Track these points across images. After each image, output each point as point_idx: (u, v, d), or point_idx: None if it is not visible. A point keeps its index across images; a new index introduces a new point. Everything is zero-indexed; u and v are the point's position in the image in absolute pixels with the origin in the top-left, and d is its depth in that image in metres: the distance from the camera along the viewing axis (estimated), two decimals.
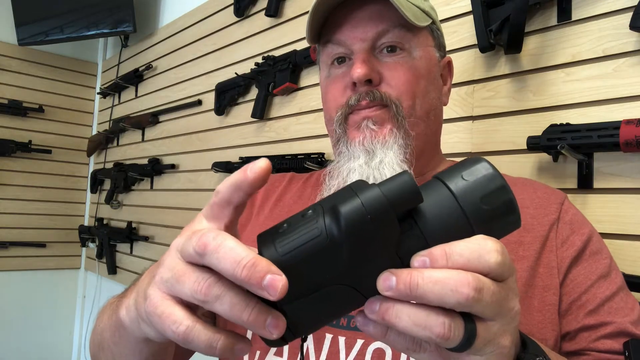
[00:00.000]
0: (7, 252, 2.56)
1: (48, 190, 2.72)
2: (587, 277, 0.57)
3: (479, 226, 0.31)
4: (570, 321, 0.55)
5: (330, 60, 0.65)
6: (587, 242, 0.59)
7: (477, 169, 0.33)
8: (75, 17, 2.45)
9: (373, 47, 0.61)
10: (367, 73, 0.59)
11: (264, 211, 0.71)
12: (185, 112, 2.03)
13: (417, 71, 0.62)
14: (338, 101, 0.63)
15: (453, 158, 1.07)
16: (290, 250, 0.29)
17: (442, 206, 0.31)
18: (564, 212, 0.61)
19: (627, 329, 0.54)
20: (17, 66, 2.64)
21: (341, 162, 0.62)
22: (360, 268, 0.30)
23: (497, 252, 0.30)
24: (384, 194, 0.29)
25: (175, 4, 2.27)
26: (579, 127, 0.83)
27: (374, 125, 0.60)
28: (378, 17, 0.60)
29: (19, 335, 2.58)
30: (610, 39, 0.86)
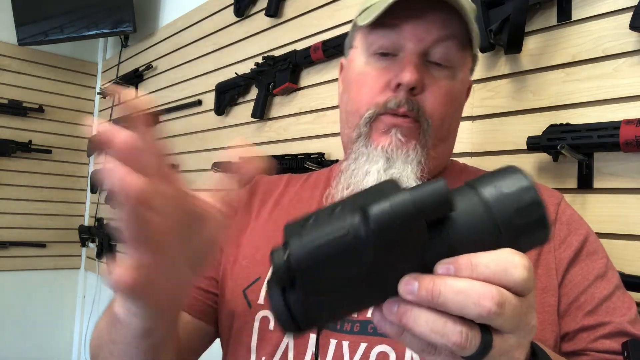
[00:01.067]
0: (7, 252, 2.56)
1: (48, 190, 2.72)
2: (584, 278, 0.57)
3: (509, 239, 0.31)
4: (569, 322, 0.56)
5: (377, 46, 0.60)
6: (584, 243, 0.59)
7: (513, 179, 0.32)
8: (75, 17, 2.45)
9: (426, 52, 0.59)
10: (417, 80, 0.57)
11: (262, 215, 0.70)
12: (185, 112, 2.03)
13: (454, 94, 0.61)
14: (375, 98, 0.60)
15: (453, 158, 1.07)
16: (317, 245, 0.29)
17: (473, 215, 0.31)
18: (560, 213, 0.62)
19: (625, 328, 0.54)
20: (17, 66, 2.64)
21: (359, 162, 0.60)
22: (383, 270, 0.30)
23: (524, 267, 0.30)
24: (414, 201, 0.29)
25: (175, 4, 2.27)
26: (579, 127, 0.83)
27: (402, 137, 0.59)
28: (442, 24, 0.58)
29: (19, 335, 2.58)
30: (610, 39, 0.86)
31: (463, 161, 1.05)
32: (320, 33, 1.43)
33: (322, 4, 1.44)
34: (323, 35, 1.42)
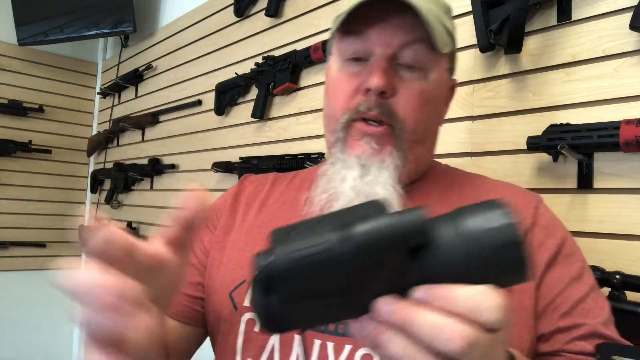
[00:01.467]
0: (7, 252, 2.56)
1: (48, 190, 2.72)
2: (560, 280, 0.58)
3: (486, 275, 0.31)
4: (545, 323, 0.57)
5: (348, 53, 0.62)
6: (561, 246, 0.60)
7: (495, 216, 0.32)
8: (75, 17, 2.45)
9: (394, 56, 0.60)
10: (384, 85, 0.58)
11: (248, 218, 0.70)
12: (185, 112, 2.03)
13: (428, 96, 0.62)
14: (348, 103, 0.61)
15: (453, 158, 1.07)
16: (298, 256, 0.30)
17: (453, 248, 0.31)
18: (539, 216, 0.62)
19: (598, 330, 0.56)
20: (17, 66, 2.64)
21: (336, 167, 0.62)
22: (360, 288, 0.31)
23: (498, 308, 0.30)
24: (394, 226, 0.30)
25: (175, 4, 2.27)
26: (579, 127, 0.83)
27: (376, 145, 0.60)
28: (409, 28, 0.58)
29: (19, 335, 2.58)
30: (610, 39, 0.86)
31: (463, 161, 1.06)
32: (320, 33, 1.43)
33: (322, 4, 1.44)
34: (323, 35, 1.42)
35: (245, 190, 0.74)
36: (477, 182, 0.68)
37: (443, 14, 0.62)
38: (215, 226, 0.71)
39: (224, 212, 0.72)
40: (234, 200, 0.73)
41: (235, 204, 0.72)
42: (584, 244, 0.86)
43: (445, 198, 0.64)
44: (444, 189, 0.66)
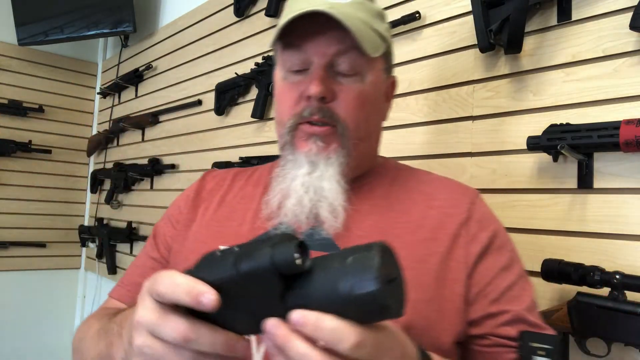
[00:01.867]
0: (7, 252, 2.56)
1: (48, 190, 2.72)
2: (491, 270, 0.64)
3: (352, 313, 0.37)
4: (476, 309, 0.63)
5: (289, 65, 0.68)
6: (493, 238, 0.66)
7: (368, 263, 0.37)
8: (75, 17, 2.45)
9: (331, 64, 0.65)
10: (322, 91, 0.63)
11: (208, 212, 0.75)
12: (185, 112, 2.03)
13: (366, 97, 0.67)
14: (292, 109, 0.67)
15: (453, 158, 1.07)
16: (212, 279, 0.40)
17: (326, 282, 0.38)
18: (474, 210, 0.68)
19: (522, 316, 0.62)
20: (17, 66, 2.64)
21: (287, 168, 0.67)
22: (254, 306, 0.40)
23: (353, 344, 0.36)
24: (273, 260, 0.38)
25: (175, 4, 2.27)
26: (579, 127, 0.83)
27: (321, 143, 0.65)
28: (341, 38, 0.63)
29: (19, 335, 2.58)
30: (610, 39, 0.86)
31: (463, 161, 1.06)
32: None
33: None
34: None
35: (207, 186, 0.80)
36: (423, 178, 0.74)
37: (374, 18, 0.67)
38: (178, 221, 0.77)
39: (185, 207, 0.77)
40: (195, 195, 0.78)
41: (197, 200, 0.78)
42: (584, 243, 0.86)
43: (389, 192, 0.70)
44: (389, 184, 0.72)
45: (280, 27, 0.63)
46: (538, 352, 0.59)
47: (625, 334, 0.74)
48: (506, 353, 0.62)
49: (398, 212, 0.68)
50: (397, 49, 1.22)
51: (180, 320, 0.40)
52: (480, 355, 0.64)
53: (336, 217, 0.64)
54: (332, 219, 0.64)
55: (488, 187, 1.01)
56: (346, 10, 0.62)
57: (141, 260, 0.79)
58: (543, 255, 0.88)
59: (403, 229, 0.66)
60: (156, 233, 0.80)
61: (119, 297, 0.77)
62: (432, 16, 1.15)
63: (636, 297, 0.75)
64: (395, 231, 0.66)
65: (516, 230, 0.96)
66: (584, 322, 0.78)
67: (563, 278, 0.80)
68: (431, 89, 1.14)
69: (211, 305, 0.38)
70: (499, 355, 0.62)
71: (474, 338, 0.64)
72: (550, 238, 0.91)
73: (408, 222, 0.67)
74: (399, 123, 1.20)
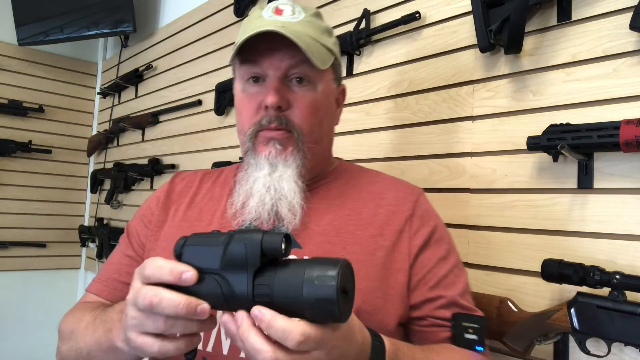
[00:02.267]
0: (7, 252, 2.56)
1: (48, 190, 2.72)
2: (430, 261, 0.74)
3: (307, 311, 0.46)
4: (417, 295, 0.73)
5: (247, 77, 0.74)
6: (433, 232, 0.76)
7: (329, 272, 0.45)
8: (75, 17, 2.45)
9: (285, 76, 0.72)
10: (278, 101, 0.70)
11: (178, 213, 0.82)
12: (185, 112, 2.03)
13: (318, 104, 0.74)
14: (252, 119, 0.74)
15: (453, 158, 1.07)
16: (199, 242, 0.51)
17: (293, 279, 0.46)
18: (417, 208, 0.77)
19: (456, 300, 0.73)
20: (17, 66, 2.64)
21: (249, 171, 0.74)
22: (228, 280, 0.48)
23: (300, 339, 0.45)
24: (262, 240, 0.47)
25: (175, 4, 2.27)
26: (579, 127, 0.83)
27: (279, 146, 0.72)
28: (293, 53, 0.70)
29: (18, 335, 2.58)
30: (610, 39, 0.86)
31: (463, 161, 1.06)
32: None
33: (322, 4, 1.44)
34: None
35: (176, 188, 0.86)
36: (373, 179, 0.83)
37: (322, 34, 0.75)
38: (150, 221, 0.83)
39: (157, 209, 0.83)
40: (165, 197, 0.85)
41: (167, 201, 0.84)
42: (584, 243, 0.86)
43: (343, 192, 0.79)
44: (344, 184, 0.81)
45: (238, 45, 0.70)
46: (468, 330, 0.70)
47: (625, 334, 0.74)
48: (442, 332, 0.72)
49: (351, 211, 0.76)
50: (397, 49, 1.22)
51: (148, 289, 0.49)
52: (420, 334, 0.74)
53: (295, 215, 0.72)
54: (291, 216, 0.72)
55: (488, 187, 1.01)
56: (296, 28, 0.70)
57: (117, 258, 0.84)
58: (543, 255, 0.88)
59: (355, 225, 0.74)
60: (129, 232, 0.85)
61: (97, 292, 0.81)
62: (432, 16, 1.15)
63: (636, 297, 0.75)
64: (348, 228, 0.74)
65: (516, 230, 0.96)
66: (584, 322, 0.78)
67: (563, 278, 0.80)
68: (431, 89, 1.14)
69: (191, 281, 0.48)
70: (436, 334, 0.73)
71: (415, 319, 0.74)
72: (550, 238, 0.91)
73: (359, 220, 0.75)
74: (399, 123, 1.20)
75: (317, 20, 0.76)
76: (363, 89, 1.30)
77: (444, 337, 0.73)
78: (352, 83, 1.33)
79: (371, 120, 1.27)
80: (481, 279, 1.00)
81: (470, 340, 0.70)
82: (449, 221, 1.07)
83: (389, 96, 1.23)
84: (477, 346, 0.70)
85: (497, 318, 0.90)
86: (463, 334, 0.70)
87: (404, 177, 1.18)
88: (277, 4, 0.75)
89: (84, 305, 0.78)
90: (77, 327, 0.70)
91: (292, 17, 0.73)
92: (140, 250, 0.82)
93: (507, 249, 0.97)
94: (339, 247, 0.72)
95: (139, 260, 0.81)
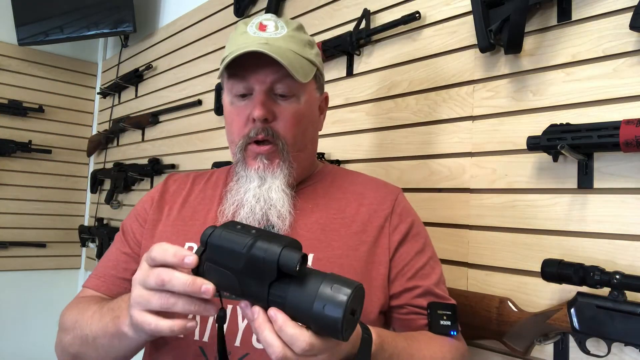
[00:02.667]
0: (7, 252, 2.56)
1: (48, 190, 2.72)
2: (408, 254, 0.81)
3: (313, 324, 0.50)
4: (396, 286, 0.79)
5: (234, 91, 0.79)
6: (410, 228, 0.82)
7: (341, 294, 0.48)
8: (75, 17, 2.45)
9: (270, 89, 0.77)
10: (264, 114, 0.76)
11: (172, 212, 0.86)
12: (185, 112, 2.03)
13: (302, 114, 0.80)
14: (241, 131, 0.79)
15: (453, 158, 1.07)
16: (225, 237, 0.53)
17: (306, 294, 0.49)
18: (396, 205, 0.83)
19: (431, 289, 0.80)
20: (17, 66, 2.64)
21: (240, 182, 0.80)
22: (246, 278, 0.52)
23: (306, 347, 0.50)
24: (279, 257, 0.49)
25: (175, 4, 2.27)
26: (579, 127, 0.83)
27: (266, 160, 0.78)
28: (277, 68, 0.75)
29: (18, 335, 2.58)
30: (610, 39, 0.86)
31: (463, 161, 1.06)
32: (320, 33, 1.43)
33: (322, 4, 1.44)
34: (323, 35, 1.42)
35: (170, 188, 0.91)
36: (355, 180, 0.88)
37: (304, 47, 0.80)
38: (145, 220, 0.87)
39: (151, 208, 0.88)
40: (160, 197, 0.89)
41: (162, 201, 0.89)
42: (584, 243, 0.86)
43: (328, 193, 0.85)
44: (328, 185, 0.86)
45: (226, 63, 0.76)
46: (443, 317, 0.77)
47: (625, 334, 0.74)
48: (419, 319, 0.79)
49: (335, 210, 0.82)
50: (397, 49, 1.22)
51: (161, 269, 0.55)
52: (399, 321, 0.81)
53: (284, 222, 0.78)
54: (281, 223, 0.77)
55: (488, 187, 1.01)
56: (279, 44, 0.76)
57: (113, 255, 0.87)
58: (543, 255, 0.88)
59: (339, 224, 0.80)
60: (125, 230, 0.89)
61: (95, 287, 0.84)
62: (432, 16, 1.15)
63: (636, 297, 0.75)
64: (333, 226, 0.80)
65: (516, 230, 0.96)
66: (584, 322, 0.78)
67: (563, 278, 0.80)
68: (431, 89, 1.14)
69: (192, 264, 0.54)
70: (414, 321, 0.80)
71: (394, 308, 0.80)
72: (550, 238, 0.91)
73: (343, 218, 0.81)
74: (399, 123, 1.20)
75: (299, 34, 0.81)
76: (363, 89, 1.30)
77: (421, 324, 0.79)
78: (352, 83, 1.33)
79: (371, 120, 1.27)
80: (481, 279, 1.00)
81: (445, 326, 0.77)
82: (449, 221, 1.07)
83: (389, 96, 1.23)
84: (452, 331, 0.77)
85: (497, 318, 0.90)
86: (439, 321, 0.77)
87: (404, 177, 1.18)
88: (261, 19, 0.80)
89: (85, 299, 0.81)
90: (82, 317, 0.73)
91: (275, 33, 0.78)
92: (136, 247, 0.86)
93: (507, 249, 0.97)
94: (325, 244, 0.78)
95: (135, 257, 0.85)
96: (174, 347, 0.75)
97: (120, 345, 0.67)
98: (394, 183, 1.17)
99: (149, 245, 0.81)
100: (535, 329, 0.84)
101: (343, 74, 1.36)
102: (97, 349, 0.70)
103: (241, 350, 0.72)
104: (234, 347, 0.72)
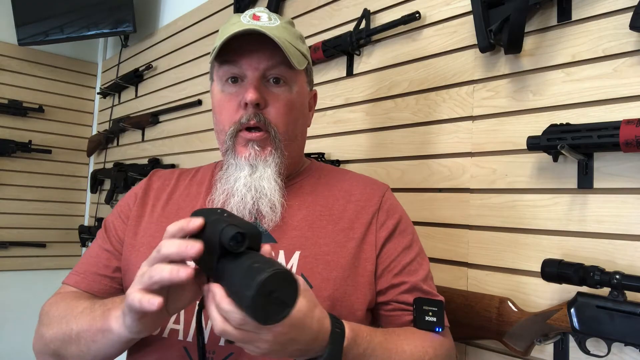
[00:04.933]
0: (7, 252, 2.56)
1: (48, 190, 2.72)
2: (395, 250, 0.80)
3: (238, 302, 0.51)
4: (383, 282, 0.79)
5: (226, 78, 0.78)
6: (397, 224, 0.82)
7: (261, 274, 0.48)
8: (75, 17, 2.45)
9: (263, 76, 0.76)
10: (257, 98, 0.74)
11: (156, 209, 0.85)
12: (185, 112, 2.03)
13: (293, 104, 0.79)
14: (232, 117, 0.77)
15: (453, 158, 1.07)
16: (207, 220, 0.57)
17: (236, 272, 0.51)
18: (383, 202, 0.83)
19: (418, 285, 0.79)
20: (17, 66, 2.64)
21: (229, 171, 0.78)
22: (209, 255, 0.54)
23: (240, 322, 0.52)
24: (220, 235, 0.52)
25: (175, 4, 2.27)
26: (579, 127, 0.83)
27: (258, 147, 0.76)
28: (271, 54, 0.75)
29: (18, 335, 2.58)
30: (610, 39, 0.86)
31: (463, 161, 1.06)
32: (320, 33, 1.43)
33: (322, 4, 1.44)
34: (323, 35, 1.42)
35: (154, 185, 0.89)
36: (342, 177, 0.87)
37: (296, 40, 0.80)
38: (128, 217, 0.85)
39: (135, 205, 0.86)
40: (143, 194, 0.87)
41: (145, 197, 0.87)
42: (584, 243, 0.86)
43: (315, 190, 0.84)
44: (315, 182, 0.86)
45: (219, 46, 0.74)
46: (428, 313, 0.76)
47: (625, 334, 0.74)
48: (405, 315, 0.78)
49: (323, 207, 0.81)
50: (397, 49, 1.22)
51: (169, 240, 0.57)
52: (385, 318, 0.80)
53: (275, 212, 0.76)
54: (272, 213, 0.76)
55: (488, 187, 1.01)
56: (274, 32, 0.74)
57: (95, 252, 0.86)
58: (543, 255, 0.88)
59: (327, 220, 0.79)
60: (107, 227, 0.87)
61: (75, 284, 0.82)
62: (432, 16, 1.15)
63: (636, 297, 0.75)
64: (320, 223, 0.79)
65: (516, 230, 0.96)
66: (584, 322, 0.78)
67: (563, 278, 0.80)
68: (431, 89, 1.14)
69: (196, 254, 0.55)
70: (400, 317, 0.79)
71: (381, 304, 0.80)
72: (550, 238, 0.91)
73: (331, 215, 0.80)
74: (399, 123, 1.20)
75: (291, 27, 0.82)
76: (363, 88, 1.30)
77: (407, 321, 0.78)
78: (352, 83, 1.33)
79: (371, 120, 1.27)
80: (481, 279, 1.00)
81: (430, 322, 0.76)
82: (449, 221, 1.07)
83: (389, 96, 1.23)
84: (437, 327, 0.76)
85: (497, 318, 0.90)
86: (424, 317, 0.76)
87: (404, 177, 1.18)
88: (254, 11, 0.79)
89: (72, 294, 0.80)
90: (71, 312, 0.72)
91: (269, 23, 0.77)
92: (118, 245, 0.84)
93: (507, 249, 0.97)
94: (312, 241, 0.77)
95: (117, 254, 0.84)
96: (157, 348, 0.74)
97: (102, 342, 0.66)
98: (394, 183, 1.18)
99: (132, 242, 0.82)
100: (535, 329, 0.84)
101: (343, 74, 1.36)
102: (79, 344, 0.68)
103: (225, 350, 0.71)
104: (219, 346, 0.71)
